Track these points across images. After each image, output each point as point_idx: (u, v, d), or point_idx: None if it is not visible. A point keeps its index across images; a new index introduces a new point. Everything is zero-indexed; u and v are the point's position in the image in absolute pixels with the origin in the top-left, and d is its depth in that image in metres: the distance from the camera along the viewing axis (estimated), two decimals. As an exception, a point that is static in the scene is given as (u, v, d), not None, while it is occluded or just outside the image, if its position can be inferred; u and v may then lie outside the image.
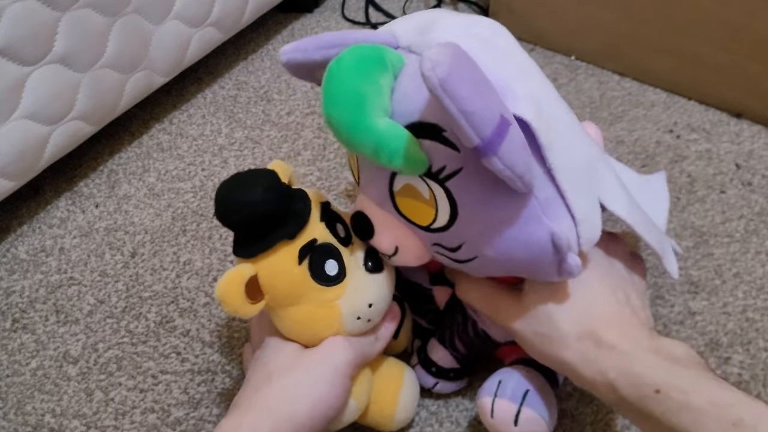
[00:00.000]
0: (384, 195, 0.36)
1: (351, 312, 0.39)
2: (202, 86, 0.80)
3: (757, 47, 0.66)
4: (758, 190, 0.64)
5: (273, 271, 0.38)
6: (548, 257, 0.35)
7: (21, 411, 0.51)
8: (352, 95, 0.31)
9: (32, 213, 0.66)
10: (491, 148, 0.29)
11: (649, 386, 0.33)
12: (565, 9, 0.77)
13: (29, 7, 0.53)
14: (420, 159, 0.32)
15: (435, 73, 0.27)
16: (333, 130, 0.32)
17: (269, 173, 0.37)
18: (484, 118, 0.28)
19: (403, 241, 0.38)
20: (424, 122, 0.32)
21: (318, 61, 0.36)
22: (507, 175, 0.30)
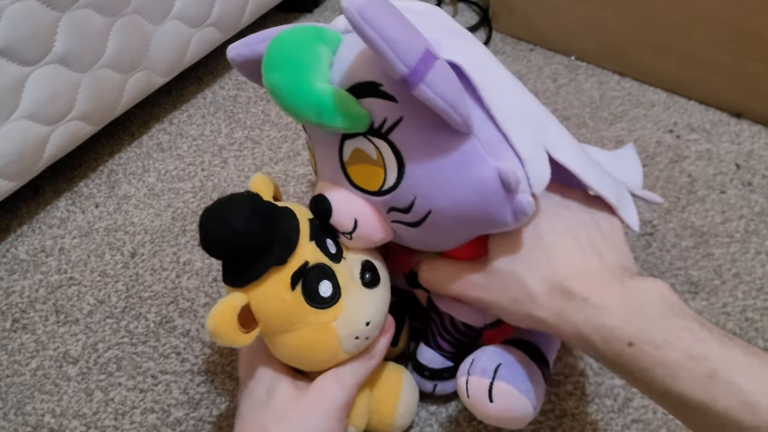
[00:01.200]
0: (337, 169, 0.37)
1: (348, 333, 0.38)
2: (202, 86, 0.80)
3: (757, 47, 0.66)
4: (758, 190, 0.64)
5: (265, 299, 0.37)
6: (499, 197, 0.34)
7: (21, 411, 0.51)
8: (292, 62, 0.32)
9: (32, 213, 0.66)
10: (418, 75, 0.29)
11: (621, 341, 0.32)
12: (565, 9, 0.77)
13: (29, 7, 0.53)
14: (361, 114, 0.33)
15: (352, 3, 0.28)
16: (275, 97, 0.33)
17: (251, 198, 0.35)
18: (408, 45, 0.29)
19: (360, 214, 0.37)
20: (361, 82, 0.33)
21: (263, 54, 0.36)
22: (440, 105, 0.30)
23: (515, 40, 0.84)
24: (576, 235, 0.37)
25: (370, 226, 0.38)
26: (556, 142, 0.37)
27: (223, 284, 0.58)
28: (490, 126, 0.34)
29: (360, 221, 0.38)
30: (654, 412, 0.49)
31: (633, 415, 0.48)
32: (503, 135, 0.34)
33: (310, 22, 0.89)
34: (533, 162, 0.34)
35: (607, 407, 0.49)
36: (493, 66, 0.37)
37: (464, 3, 0.90)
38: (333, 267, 0.38)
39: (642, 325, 0.32)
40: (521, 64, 0.80)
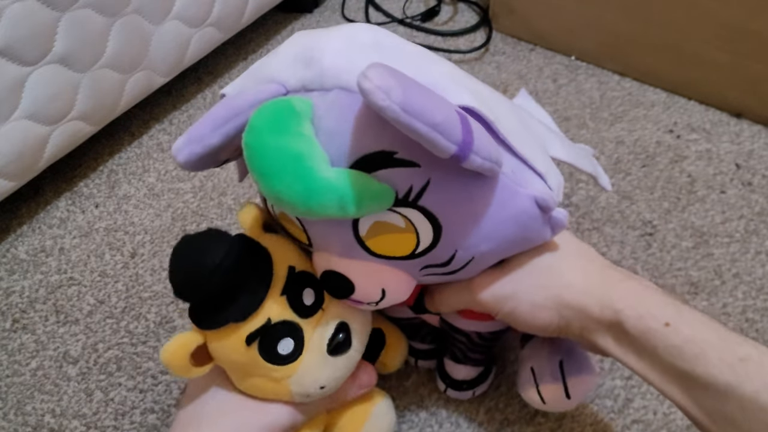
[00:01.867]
0: (350, 244, 0.33)
1: (300, 392, 0.37)
2: (202, 86, 0.80)
3: (757, 47, 0.66)
4: (758, 190, 0.64)
5: (221, 348, 0.36)
6: (538, 221, 0.34)
7: (21, 411, 0.51)
8: (289, 160, 0.28)
9: (32, 213, 0.66)
10: (467, 148, 0.27)
11: (659, 319, 0.32)
12: (565, 9, 0.77)
13: (29, 7, 0.53)
14: (385, 192, 0.30)
15: (393, 100, 0.25)
16: (286, 206, 0.29)
17: (224, 243, 0.33)
18: (451, 122, 0.27)
19: (387, 282, 0.35)
20: (370, 154, 0.30)
21: (218, 145, 0.32)
22: (486, 167, 0.29)
23: (515, 40, 0.84)
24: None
25: (399, 289, 0.36)
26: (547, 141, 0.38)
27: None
28: (509, 156, 0.33)
29: (388, 289, 0.35)
30: (654, 413, 0.49)
31: (633, 416, 0.48)
32: (521, 160, 0.33)
33: (310, 22, 0.89)
34: (550, 173, 0.35)
35: (608, 408, 0.49)
36: (472, 81, 0.35)
37: (464, 3, 0.90)
38: (301, 323, 0.36)
39: (679, 309, 0.33)
40: (521, 64, 0.80)
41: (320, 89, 0.31)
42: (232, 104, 0.31)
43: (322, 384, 0.37)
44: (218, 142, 0.32)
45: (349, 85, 0.30)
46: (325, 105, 0.30)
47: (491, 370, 0.49)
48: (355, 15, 0.90)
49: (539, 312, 0.36)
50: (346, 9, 0.91)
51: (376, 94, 0.25)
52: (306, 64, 0.31)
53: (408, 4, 0.91)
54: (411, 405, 0.49)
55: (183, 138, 0.32)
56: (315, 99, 0.31)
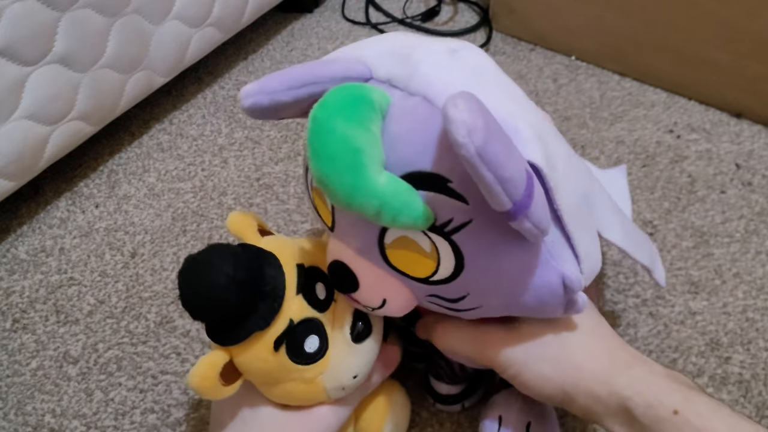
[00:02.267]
0: (370, 245, 0.32)
1: (335, 386, 0.37)
2: (202, 86, 0.80)
3: (757, 47, 0.66)
4: (758, 190, 0.64)
5: (248, 360, 0.35)
6: (557, 299, 0.33)
7: (21, 411, 0.51)
8: (349, 150, 0.27)
9: (32, 213, 0.66)
10: (522, 210, 0.26)
11: (667, 408, 0.32)
12: (566, 9, 0.77)
13: (29, 7, 0.53)
14: (427, 215, 0.29)
15: (472, 141, 0.24)
16: (328, 192, 0.28)
17: (230, 256, 0.32)
18: (518, 180, 0.26)
19: (391, 294, 0.34)
20: (425, 172, 0.29)
21: (287, 103, 0.31)
22: (533, 233, 0.28)
23: (515, 40, 0.84)
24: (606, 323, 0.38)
25: (399, 305, 0.35)
26: (606, 218, 0.36)
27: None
28: (556, 227, 0.32)
29: (389, 301, 0.34)
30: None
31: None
32: (567, 236, 0.32)
33: (310, 22, 0.89)
34: (588, 258, 0.33)
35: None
36: (555, 141, 0.33)
37: (464, 3, 0.90)
38: (321, 318, 0.36)
39: (687, 396, 0.32)
40: (521, 64, 0.80)
41: (404, 90, 0.30)
42: (314, 70, 0.31)
43: (354, 373, 0.37)
44: (287, 100, 0.31)
45: (434, 99, 0.29)
46: (402, 108, 0.30)
47: (480, 383, 0.48)
48: (356, 15, 0.90)
49: (545, 384, 0.36)
50: (346, 9, 0.91)
51: (459, 127, 0.24)
52: (400, 61, 0.31)
53: (408, 4, 0.91)
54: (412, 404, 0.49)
55: (254, 85, 0.32)
56: (395, 97, 0.30)
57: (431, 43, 0.32)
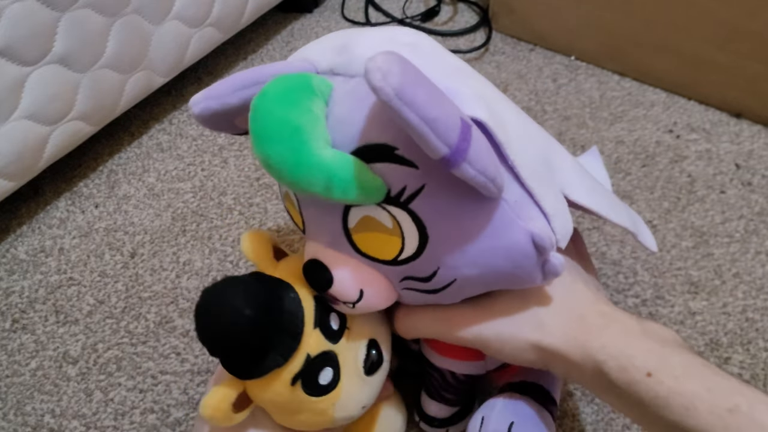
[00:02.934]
0: (337, 235, 0.33)
1: (345, 417, 0.37)
2: (201, 86, 0.80)
3: (757, 47, 0.66)
4: (758, 190, 0.64)
5: (263, 393, 0.35)
6: (531, 260, 0.32)
7: (21, 411, 0.51)
8: (288, 128, 0.28)
9: (32, 213, 0.66)
10: (460, 154, 0.26)
11: (641, 370, 0.31)
12: (565, 9, 0.77)
13: (29, 7, 0.53)
14: (377, 185, 0.29)
15: (388, 83, 0.24)
16: (273, 172, 0.29)
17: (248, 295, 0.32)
18: (448, 123, 0.25)
19: (367, 283, 0.34)
20: (371, 144, 0.29)
21: (236, 106, 0.32)
22: (480, 181, 0.27)
23: (515, 40, 0.84)
24: (584, 279, 0.38)
25: (378, 296, 0.34)
26: (570, 179, 0.35)
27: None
28: (516, 185, 0.31)
29: (366, 292, 0.34)
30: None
31: (633, 415, 0.48)
32: (528, 193, 0.32)
33: (310, 22, 0.89)
34: (557, 215, 0.33)
35: (608, 408, 0.49)
36: (505, 106, 0.33)
37: (464, 3, 0.90)
38: (335, 350, 0.36)
39: (662, 356, 0.32)
40: (521, 64, 0.80)
41: (344, 75, 0.31)
42: (257, 71, 0.32)
43: (364, 404, 0.38)
44: (235, 103, 0.32)
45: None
46: (343, 91, 0.30)
47: (469, 410, 0.47)
48: (355, 15, 0.90)
49: (522, 355, 0.36)
50: (346, 9, 0.91)
51: (374, 73, 0.24)
52: (339, 51, 0.32)
53: (408, 4, 0.91)
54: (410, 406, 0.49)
55: (202, 93, 0.33)
56: (336, 83, 0.31)
57: (368, 31, 0.33)
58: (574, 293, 0.36)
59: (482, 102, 0.30)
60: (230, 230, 0.63)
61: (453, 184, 0.29)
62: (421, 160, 0.29)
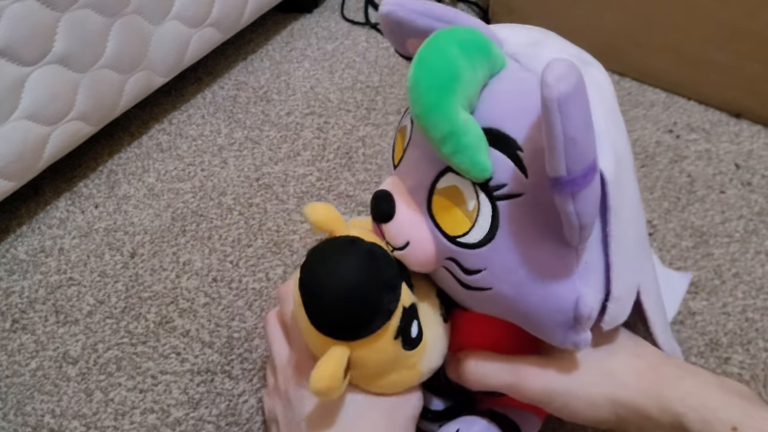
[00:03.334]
0: (422, 186, 0.33)
1: (430, 369, 0.37)
2: (201, 86, 0.80)
3: (757, 47, 0.66)
4: (758, 190, 0.64)
5: (370, 354, 0.34)
6: (561, 319, 0.32)
7: (21, 411, 0.51)
8: (449, 71, 0.28)
9: (32, 213, 0.66)
10: (573, 186, 0.26)
11: (725, 423, 0.31)
12: (565, 9, 0.77)
13: (29, 7, 0.53)
14: (485, 165, 0.30)
15: (558, 86, 0.24)
16: (412, 96, 0.29)
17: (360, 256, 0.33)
18: (583, 153, 0.26)
19: (417, 240, 0.34)
20: (503, 133, 0.30)
21: (418, 28, 0.32)
22: (571, 221, 0.28)
23: (515, 40, 0.84)
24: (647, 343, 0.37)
25: (417, 255, 0.34)
26: (649, 286, 0.36)
27: (221, 284, 0.58)
28: (599, 252, 0.32)
29: (412, 245, 0.34)
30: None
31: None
32: (607, 265, 0.32)
33: (310, 22, 0.89)
34: (619, 302, 0.33)
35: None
36: (630, 176, 0.33)
37: (464, 3, 0.90)
38: (415, 302, 0.36)
39: (744, 410, 0.31)
40: (521, 64, 0.80)
41: (522, 65, 0.31)
42: (457, 14, 0.32)
43: (444, 352, 0.38)
44: (419, 24, 0.32)
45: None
46: (513, 74, 0.31)
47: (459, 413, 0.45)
48: (355, 15, 0.90)
49: (595, 410, 0.35)
50: (345, 9, 0.91)
51: (552, 72, 0.25)
52: (530, 44, 0.33)
53: (408, 5, 0.91)
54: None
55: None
56: (511, 66, 0.31)
57: (566, 45, 0.34)
58: (646, 347, 0.36)
59: (615, 160, 0.30)
60: (230, 230, 0.63)
61: (546, 211, 0.29)
62: (535, 173, 0.30)
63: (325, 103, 0.77)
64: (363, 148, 0.71)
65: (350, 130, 0.73)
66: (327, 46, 0.85)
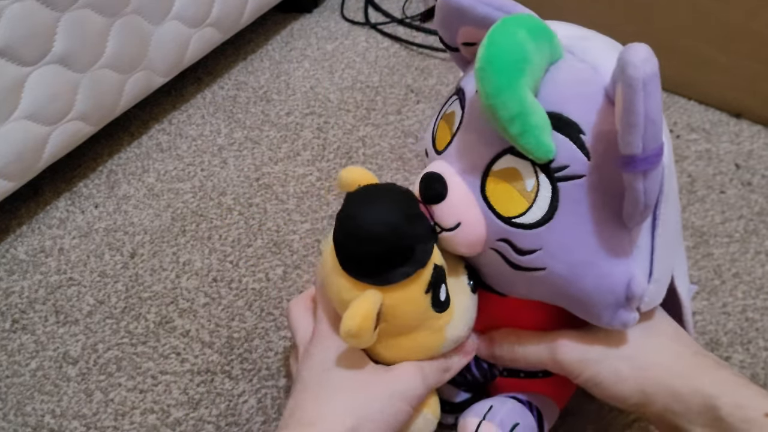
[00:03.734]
0: (476, 167, 0.33)
1: (454, 338, 0.37)
2: (201, 86, 0.80)
3: (757, 47, 0.66)
4: (758, 190, 0.64)
5: (401, 302, 0.34)
6: (612, 299, 0.33)
7: (21, 412, 0.51)
8: (520, 53, 0.29)
9: (31, 213, 0.66)
10: (646, 164, 0.28)
11: (758, 409, 0.31)
12: (565, 9, 0.77)
13: (29, 7, 0.53)
14: (549, 146, 0.31)
15: (644, 67, 0.26)
16: (481, 78, 0.29)
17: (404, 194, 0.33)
18: (658, 133, 0.27)
19: (469, 220, 0.34)
20: (566, 117, 0.31)
21: (477, 16, 0.33)
22: (639, 200, 0.29)
23: (515, 40, 0.84)
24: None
25: (468, 237, 0.34)
26: (680, 270, 0.37)
27: (221, 284, 0.58)
28: (648, 233, 0.33)
29: (463, 227, 0.34)
30: (654, 412, 0.49)
31: (634, 415, 0.48)
32: (652, 247, 0.33)
33: (310, 22, 0.89)
34: (658, 283, 0.34)
35: (608, 407, 0.49)
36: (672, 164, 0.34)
37: (464, 3, 0.90)
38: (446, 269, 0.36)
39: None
40: (521, 64, 0.80)
41: (577, 56, 0.33)
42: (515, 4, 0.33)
43: (469, 324, 0.38)
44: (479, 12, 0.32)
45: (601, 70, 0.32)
46: (570, 64, 0.32)
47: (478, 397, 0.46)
48: (355, 15, 0.90)
49: (622, 384, 0.35)
50: (345, 9, 0.91)
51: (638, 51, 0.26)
52: (581, 38, 0.34)
53: (407, 4, 0.91)
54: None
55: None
56: (567, 57, 0.33)
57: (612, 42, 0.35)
58: (684, 334, 0.37)
59: (668, 147, 0.32)
60: (230, 230, 0.63)
61: (608, 192, 0.31)
62: (598, 155, 0.31)
63: (325, 103, 0.77)
64: (363, 148, 0.71)
65: (350, 130, 0.73)
66: (327, 46, 0.85)
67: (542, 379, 0.42)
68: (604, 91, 0.31)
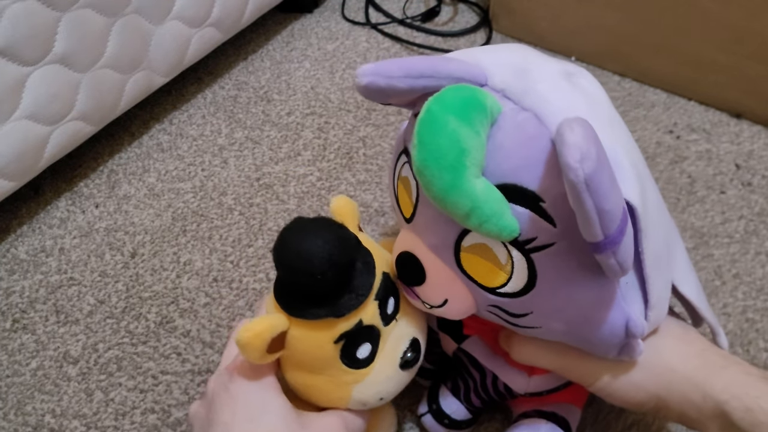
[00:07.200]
0: (446, 245, 0.32)
1: (361, 400, 0.37)
2: (202, 86, 0.80)
3: (757, 48, 0.66)
4: (758, 191, 0.64)
5: (306, 341, 0.35)
6: (615, 341, 0.33)
7: (21, 411, 0.51)
8: (456, 148, 0.28)
9: (32, 213, 0.66)
10: (611, 245, 0.27)
11: (766, 412, 0.31)
12: (566, 10, 0.77)
13: (29, 7, 0.53)
14: (512, 227, 0.29)
15: (583, 167, 0.24)
16: (424, 182, 0.29)
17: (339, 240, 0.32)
18: (614, 215, 0.26)
19: (454, 296, 0.34)
20: (521, 187, 0.29)
21: (401, 90, 0.32)
22: (613, 269, 0.29)
23: (515, 40, 0.84)
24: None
25: (459, 308, 0.35)
26: (683, 274, 0.37)
27: (222, 284, 0.58)
28: (635, 270, 0.32)
29: (450, 303, 0.34)
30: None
31: (632, 418, 0.48)
32: (643, 279, 0.33)
33: (310, 22, 0.89)
34: (657, 306, 0.34)
35: (607, 409, 0.49)
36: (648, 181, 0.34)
37: (464, 3, 0.90)
38: (381, 330, 0.36)
39: None
40: (521, 64, 0.80)
41: (517, 104, 0.30)
42: (434, 64, 0.31)
43: (383, 396, 0.37)
44: (402, 87, 0.31)
45: (545, 118, 0.29)
46: (512, 120, 0.30)
47: (472, 425, 0.46)
48: (355, 15, 0.90)
49: (637, 392, 0.36)
50: (345, 9, 0.91)
51: (573, 151, 0.24)
52: (517, 74, 0.31)
53: (408, 5, 0.91)
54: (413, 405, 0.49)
55: (372, 66, 0.32)
56: (506, 108, 0.30)
57: (549, 63, 0.33)
58: (691, 332, 0.37)
59: (639, 182, 0.30)
60: (230, 230, 0.63)
61: (581, 252, 0.29)
62: (562, 220, 0.29)
63: (325, 103, 0.77)
64: (363, 149, 0.71)
65: (351, 131, 0.73)
66: (327, 46, 0.85)
67: (562, 391, 0.43)
68: (552, 144, 0.29)
